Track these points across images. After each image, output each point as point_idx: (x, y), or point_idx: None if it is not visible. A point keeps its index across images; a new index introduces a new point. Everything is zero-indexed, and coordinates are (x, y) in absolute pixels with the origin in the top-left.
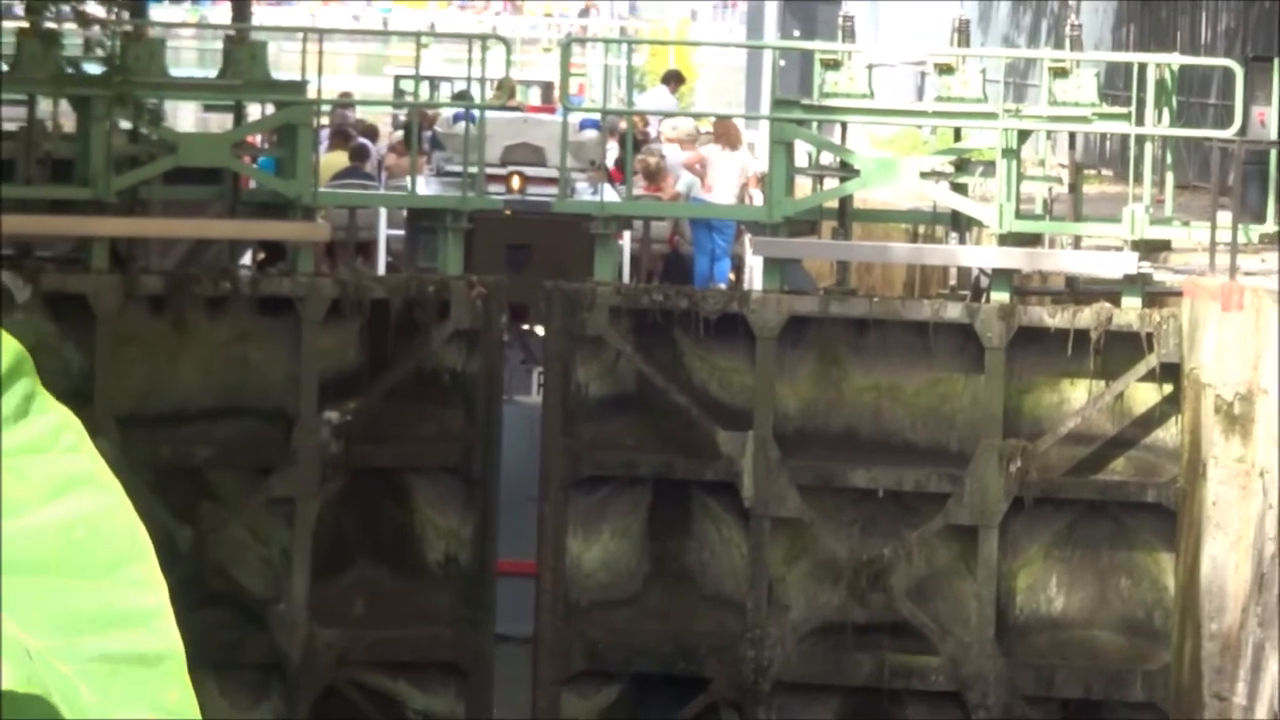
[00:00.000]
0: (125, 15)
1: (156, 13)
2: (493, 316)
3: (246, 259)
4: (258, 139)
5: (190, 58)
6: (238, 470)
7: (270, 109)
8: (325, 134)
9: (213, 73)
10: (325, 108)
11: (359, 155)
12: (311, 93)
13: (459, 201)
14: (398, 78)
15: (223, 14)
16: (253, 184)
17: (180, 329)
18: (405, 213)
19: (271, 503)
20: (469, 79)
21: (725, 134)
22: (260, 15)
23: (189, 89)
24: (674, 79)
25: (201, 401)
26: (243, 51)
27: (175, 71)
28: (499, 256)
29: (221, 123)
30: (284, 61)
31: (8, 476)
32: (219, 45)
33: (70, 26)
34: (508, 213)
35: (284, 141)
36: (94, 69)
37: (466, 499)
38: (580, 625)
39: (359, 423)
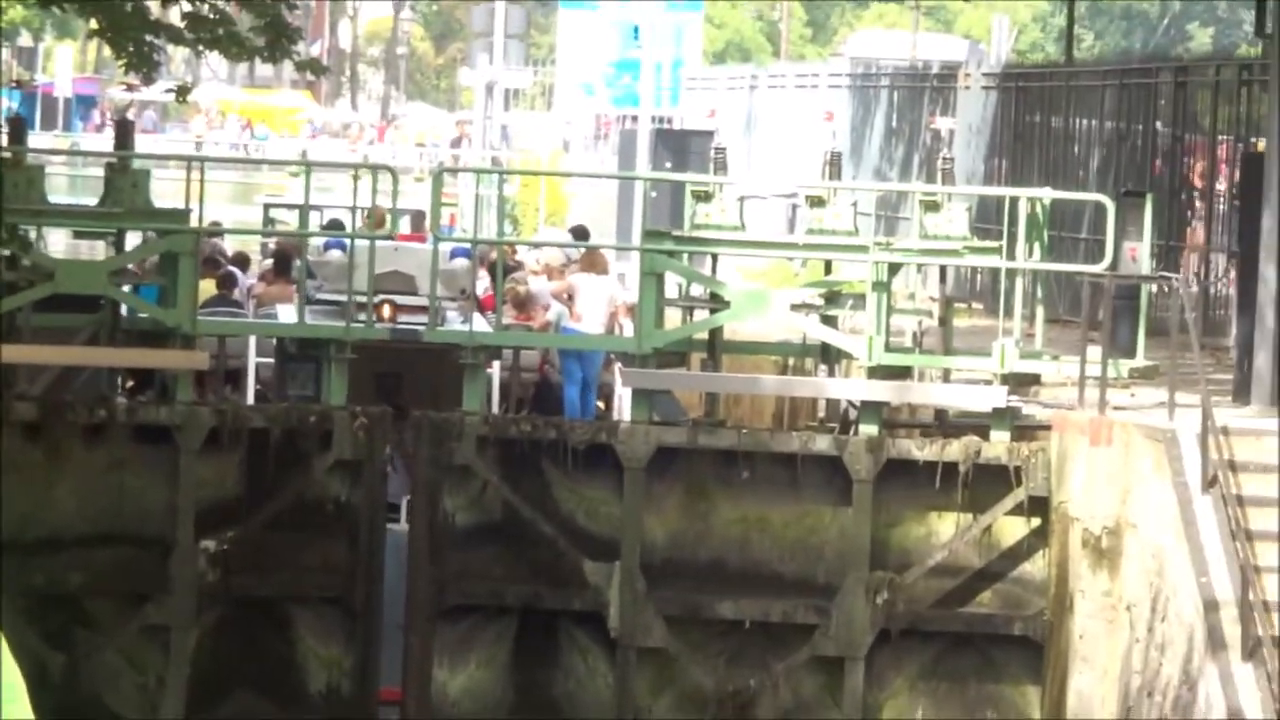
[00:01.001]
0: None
1: (33, 140)
2: (375, 447)
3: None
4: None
5: (60, 184)
6: (113, 597)
7: (143, 237)
8: None
9: (84, 200)
10: None
11: (227, 283)
12: (193, 221)
13: (343, 332)
14: (267, 205)
15: (93, 141)
16: (124, 311)
17: (55, 456)
18: (275, 341)
19: (147, 630)
20: (352, 207)
21: (592, 261)
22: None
23: (69, 216)
24: (580, 234)
25: (78, 529)
26: (124, 179)
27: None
28: (370, 386)
29: (92, 249)
30: (157, 189)
31: None
32: (90, 172)
33: None
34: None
35: (165, 269)
36: None
37: (349, 630)
38: None
39: (238, 552)
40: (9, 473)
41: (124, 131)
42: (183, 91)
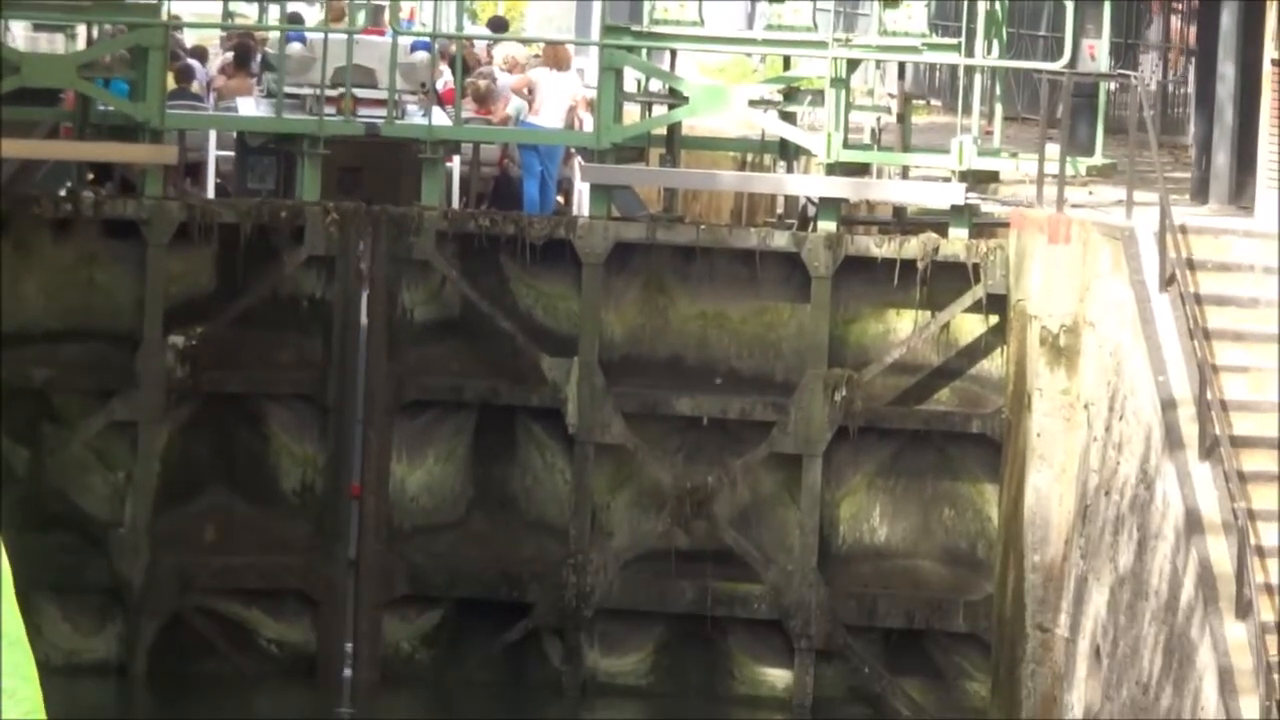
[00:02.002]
0: None
1: None
2: (349, 242)
3: (69, 182)
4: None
5: None
6: (80, 393)
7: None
8: None
9: None
10: None
11: (185, 76)
12: (164, 15)
13: (315, 126)
14: None
15: None
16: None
17: (23, 250)
18: (235, 135)
19: (115, 427)
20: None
21: (554, 56)
22: None
23: (39, 9)
24: (497, 25)
25: (45, 324)
26: None
27: None
28: (331, 180)
29: (51, 42)
30: None
31: None
32: None
33: None
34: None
35: (135, 64)
36: None
37: (322, 425)
38: (403, 549)
39: (208, 348)
40: None
41: None
42: None
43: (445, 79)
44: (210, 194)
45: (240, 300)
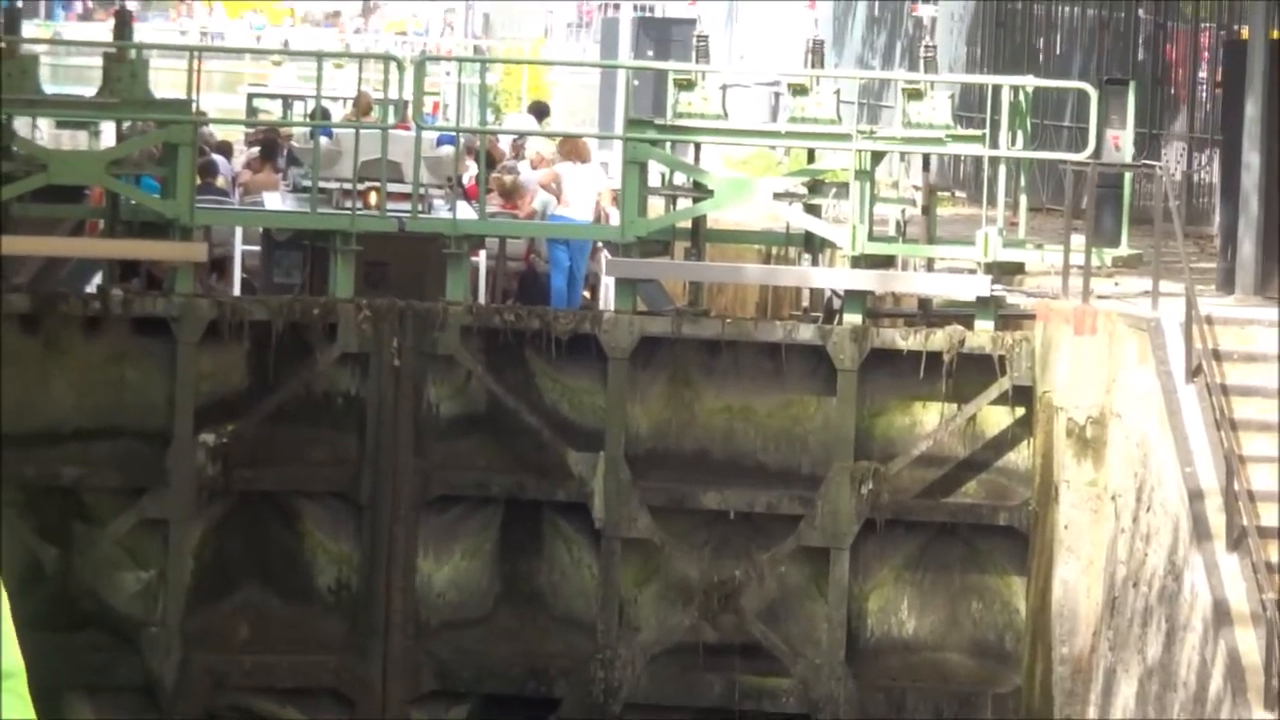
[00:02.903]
0: None
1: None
2: (382, 339)
3: (99, 278)
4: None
5: (43, 73)
6: (110, 491)
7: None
8: None
9: (68, 89)
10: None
11: (208, 171)
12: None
13: (348, 221)
14: (251, 95)
15: (76, 30)
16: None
17: (53, 348)
18: (260, 229)
19: (146, 525)
20: (347, 95)
21: (574, 149)
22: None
23: (66, 106)
24: (539, 110)
25: (75, 421)
26: (122, 69)
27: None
28: (359, 275)
29: (74, 139)
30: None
31: None
32: (73, 61)
33: None
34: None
35: (165, 160)
36: None
37: (356, 523)
38: (430, 645)
39: (240, 446)
40: (6, 365)
41: (123, 21)
42: None
43: (471, 173)
44: (237, 290)
45: (272, 397)
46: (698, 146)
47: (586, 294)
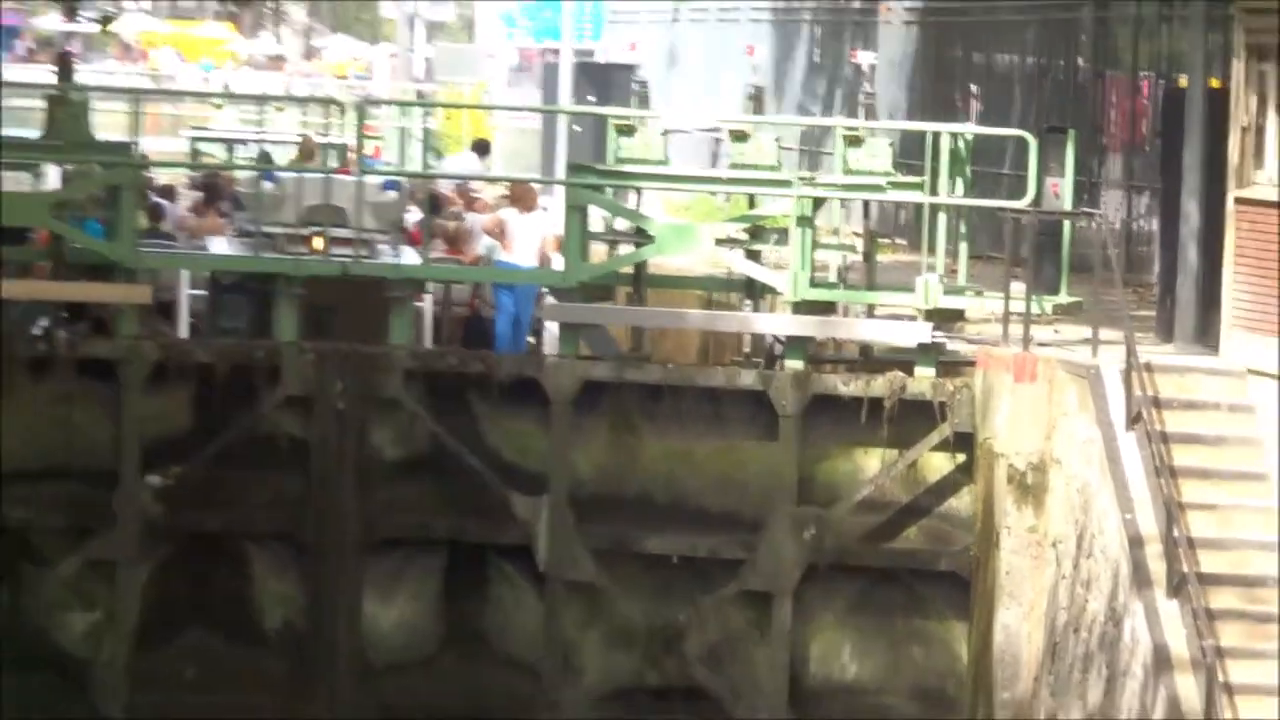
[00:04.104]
0: None
1: None
2: (327, 383)
3: (44, 321)
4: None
5: None
6: (58, 532)
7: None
8: None
9: (10, 131)
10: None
11: (155, 214)
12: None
13: (292, 265)
14: (194, 138)
15: (17, 72)
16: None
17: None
18: (209, 274)
19: (93, 565)
20: (319, 138)
21: (521, 197)
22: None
23: (8, 148)
24: (481, 147)
25: (21, 462)
26: (65, 111)
27: None
28: (304, 319)
29: (16, 181)
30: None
31: None
32: (12, 103)
33: None
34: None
35: (108, 203)
36: None
37: (300, 565)
38: (375, 686)
39: (186, 487)
40: None
41: (65, 64)
42: (106, 21)
43: (416, 218)
44: (183, 333)
45: (217, 440)
46: (639, 192)
47: (530, 339)
